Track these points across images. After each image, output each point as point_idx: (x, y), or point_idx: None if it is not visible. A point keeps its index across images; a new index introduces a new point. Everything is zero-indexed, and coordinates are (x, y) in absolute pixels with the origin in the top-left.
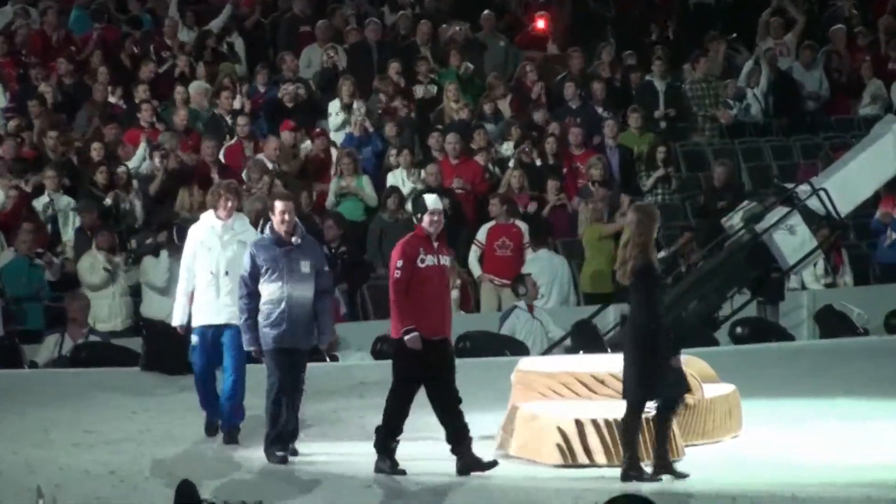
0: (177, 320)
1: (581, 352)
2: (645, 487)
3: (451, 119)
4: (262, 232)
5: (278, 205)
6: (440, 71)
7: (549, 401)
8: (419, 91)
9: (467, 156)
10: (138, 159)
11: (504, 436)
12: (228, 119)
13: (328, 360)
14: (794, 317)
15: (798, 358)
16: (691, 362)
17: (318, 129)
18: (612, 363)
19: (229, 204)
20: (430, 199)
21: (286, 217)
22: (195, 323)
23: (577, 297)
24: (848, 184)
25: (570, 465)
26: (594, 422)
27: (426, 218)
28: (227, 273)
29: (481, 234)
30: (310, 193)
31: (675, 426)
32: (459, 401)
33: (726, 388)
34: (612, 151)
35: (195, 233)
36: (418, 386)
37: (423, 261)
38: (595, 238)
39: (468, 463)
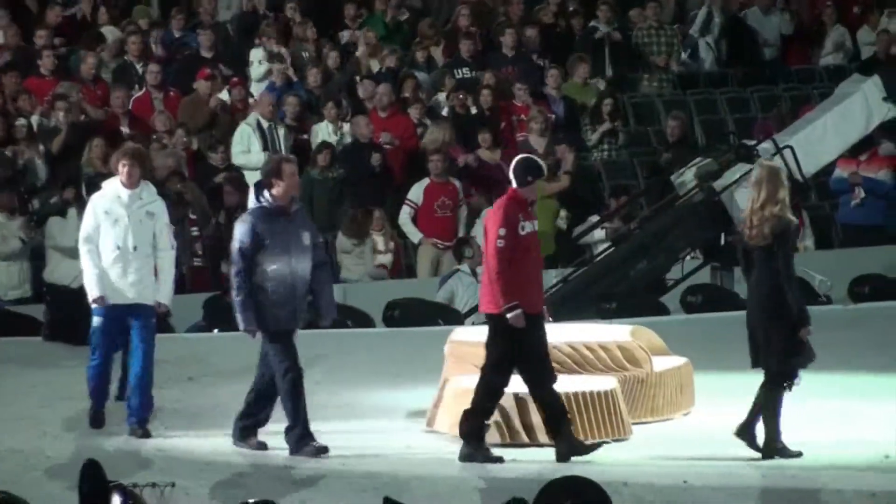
0: (96, 290)
1: None
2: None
3: (367, 69)
4: (258, 199)
5: (287, 167)
6: (366, 15)
7: None
8: (345, 37)
9: (397, 108)
10: None
11: (435, 412)
12: (139, 67)
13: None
14: None
15: None
16: (639, 332)
17: (235, 79)
18: (554, 333)
19: (135, 171)
20: (543, 164)
21: (295, 182)
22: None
23: None
24: (813, 143)
25: (508, 444)
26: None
27: (532, 183)
28: (135, 248)
29: (415, 194)
30: (224, 149)
31: (622, 402)
32: (556, 379)
33: (677, 362)
34: (555, 103)
35: (98, 202)
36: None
37: (523, 228)
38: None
39: (569, 447)
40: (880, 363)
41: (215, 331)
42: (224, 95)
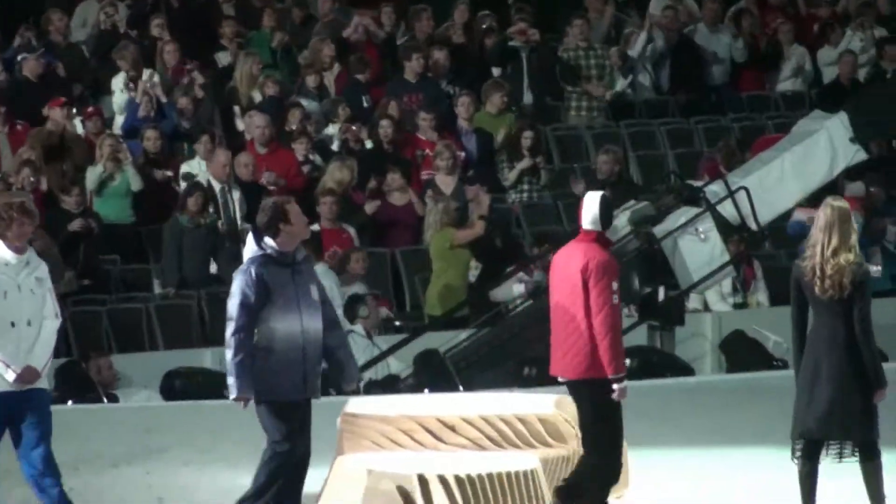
0: None
1: (426, 390)
2: None
3: (247, 98)
4: (259, 245)
5: (292, 209)
6: (248, 35)
7: (385, 452)
8: (222, 59)
9: (279, 143)
10: None
11: (328, 496)
12: None
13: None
14: (694, 345)
15: (699, 396)
16: (564, 403)
17: (91, 108)
18: (465, 404)
19: (26, 230)
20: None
21: (304, 225)
22: None
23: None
24: (769, 188)
25: None
26: (442, 479)
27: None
28: (29, 323)
29: None
30: (80, 191)
31: (544, 483)
32: None
33: None
34: (467, 136)
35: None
36: None
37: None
38: (445, 246)
39: None
40: None
41: (69, 402)
42: (79, 127)
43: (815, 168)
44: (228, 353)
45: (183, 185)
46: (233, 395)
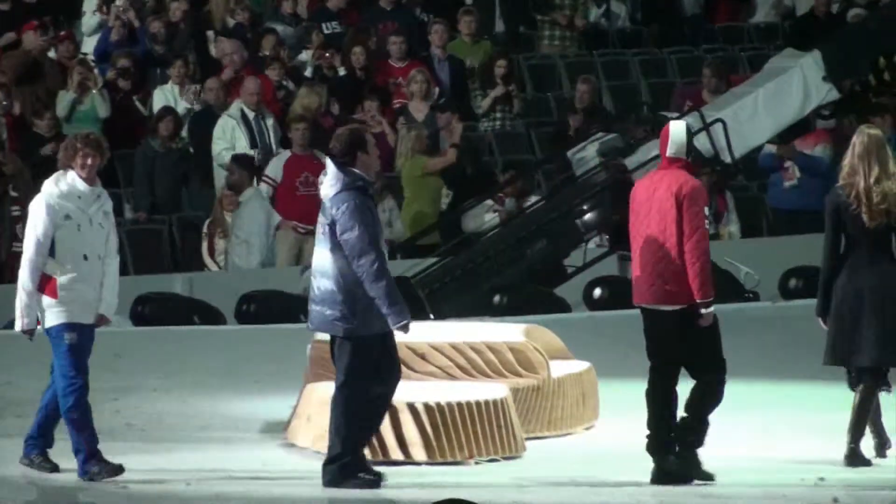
0: (26, 322)
1: None
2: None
3: (220, 23)
4: (344, 172)
5: (370, 137)
6: None
7: None
8: None
9: (253, 68)
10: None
11: (298, 423)
12: None
13: None
14: None
15: None
16: (534, 332)
17: (63, 32)
18: (434, 332)
19: (96, 162)
20: None
21: (376, 155)
22: (66, 319)
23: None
24: (741, 122)
25: (380, 461)
26: (411, 406)
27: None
28: (99, 257)
29: (274, 168)
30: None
31: (514, 413)
32: None
33: (579, 367)
34: (440, 64)
35: (55, 203)
36: None
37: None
38: (417, 174)
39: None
40: (813, 370)
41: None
42: (50, 52)
43: (787, 105)
44: (378, 285)
45: (155, 109)
46: (403, 321)
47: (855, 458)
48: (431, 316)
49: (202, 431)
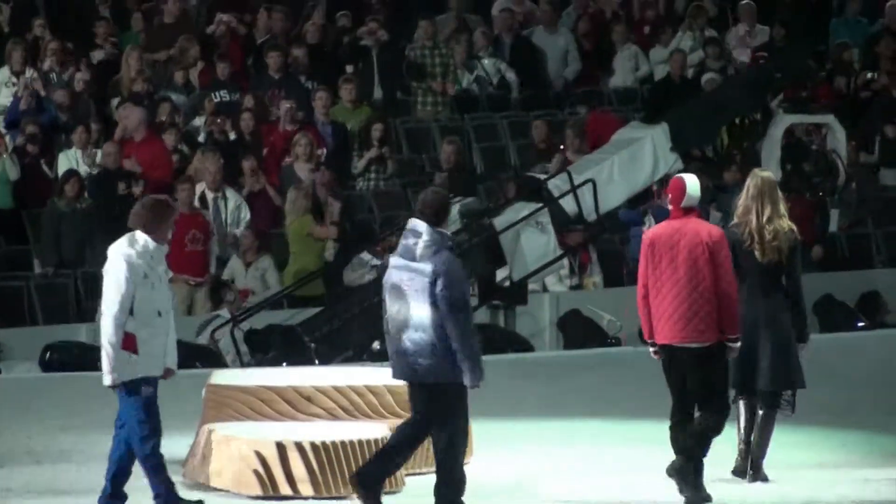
0: (116, 377)
1: (285, 364)
2: None
3: (129, 90)
4: (438, 232)
5: None
6: (122, 34)
7: (245, 421)
8: (97, 56)
9: (152, 133)
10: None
11: (193, 461)
12: None
13: None
14: (533, 323)
15: (537, 371)
16: None
17: None
18: (319, 376)
19: (172, 225)
20: None
21: None
22: (144, 373)
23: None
24: (601, 186)
25: (270, 496)
26: (299, 445)
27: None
28: (167, 312)
29: None
30: None
31: None
32: None
33: None
34: (324, 128)
35: (136, 261)
36: None
37: None
38: (303, 233)
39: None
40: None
41: None
42: None
43: (640, 171)
44: (469, 341)
45: (61, 172)
46: (479, 382)
47: (758, 473)
48: (316, 361)
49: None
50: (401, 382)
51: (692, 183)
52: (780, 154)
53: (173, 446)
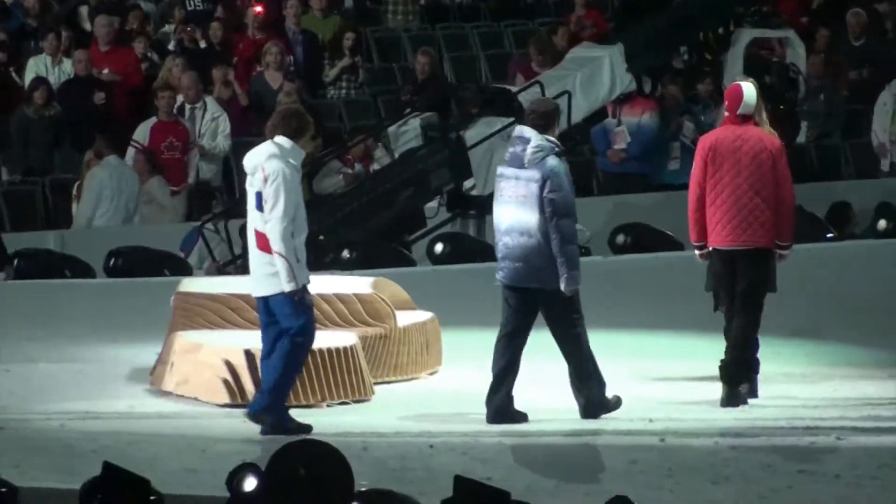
0: (299, 280)
1: None
2: None
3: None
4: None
5: None
6: None
7: (214, 329)
8: None
9: (120, 41)
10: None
11: (161, 369)
12: None
13: None
14: None
15: None
16: (381, 284)
17: None
18: None
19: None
20: None
21: None
22: (305, 279)
23: None
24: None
25: (239, 404)
26: None
27: None
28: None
29: (140, 134)
30: None
31: (362, 360)
32: None
33: (423, 316)
34: (295, 37)
35: (293, 168)
36: None
37: None
38: None
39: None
40: (639, 319)
41: None
42: None
43: (598, 90)
44: (571, 246)
45: (29, 79)
46: (575, 287)
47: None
48: None
49: (73, 376)
50: (368, 291)
51: (749, 90)
52: (742, 67)
53: (140, 354)
